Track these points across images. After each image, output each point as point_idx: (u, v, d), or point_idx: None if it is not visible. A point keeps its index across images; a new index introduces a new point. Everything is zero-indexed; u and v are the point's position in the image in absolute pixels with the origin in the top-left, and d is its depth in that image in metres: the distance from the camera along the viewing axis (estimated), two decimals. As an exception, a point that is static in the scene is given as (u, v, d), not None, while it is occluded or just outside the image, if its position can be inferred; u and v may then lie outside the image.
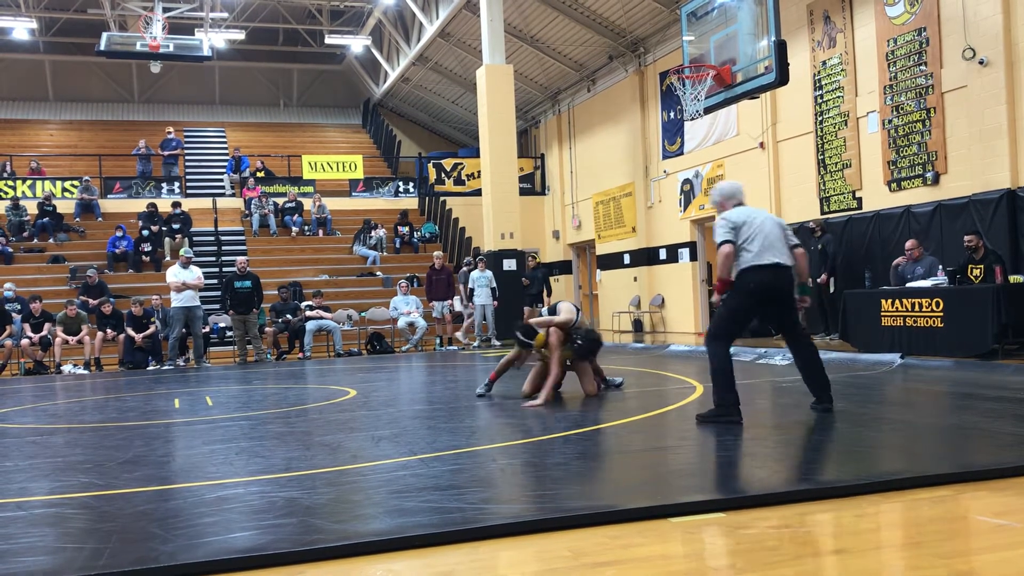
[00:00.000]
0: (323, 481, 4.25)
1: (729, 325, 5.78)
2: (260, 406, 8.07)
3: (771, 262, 5.66)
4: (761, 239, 5.69)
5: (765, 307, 5.80)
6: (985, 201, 10.67)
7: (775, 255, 5.68)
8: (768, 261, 5.65)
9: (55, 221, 19.04)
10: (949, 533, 3.19)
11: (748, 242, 5.70)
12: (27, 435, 6.65)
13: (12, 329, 14.37)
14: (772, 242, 5.71)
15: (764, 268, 5.65)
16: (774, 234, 5.75)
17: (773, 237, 5.73)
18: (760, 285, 5.67)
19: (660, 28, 17.38)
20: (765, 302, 5.75)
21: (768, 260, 5.65)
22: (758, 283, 5.66)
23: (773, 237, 5.73)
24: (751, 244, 5.68)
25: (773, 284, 5.68)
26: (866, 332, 10.14)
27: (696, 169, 16.90)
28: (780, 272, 5.70)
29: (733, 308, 5.77)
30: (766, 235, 5.71)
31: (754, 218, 5.79)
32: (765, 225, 5.77)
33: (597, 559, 2.95)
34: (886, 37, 12.28)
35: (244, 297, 14.82)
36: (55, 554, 3.16)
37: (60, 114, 26.32)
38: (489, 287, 16.39)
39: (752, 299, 5.71)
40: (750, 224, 5.75)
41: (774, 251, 5.69)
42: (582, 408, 6.68)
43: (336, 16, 23.98)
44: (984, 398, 6.44)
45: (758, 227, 5.73)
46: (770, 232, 5.74)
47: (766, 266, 5.65)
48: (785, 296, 5.77)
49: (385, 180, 23.08)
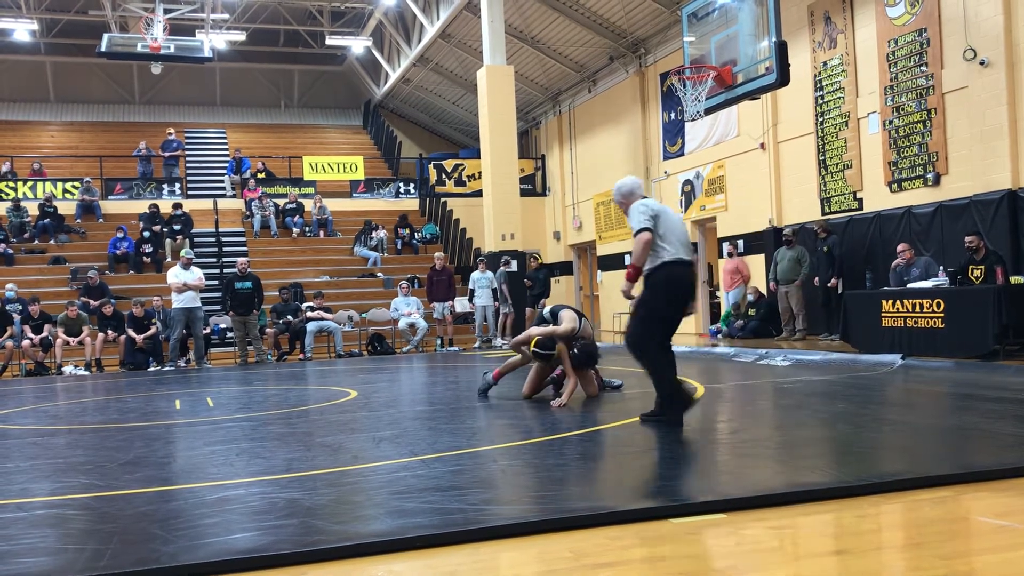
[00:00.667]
0: (324, 482, 4.25)
1: (655, 326, 5.57)
2: (261, 407, 8.07)
3: (690, 259, 5.59)
4: (677, 234, 5.57)
5: (680, 305, 5.60)
6: (986, 202, 10.66)
7: (690, 253, 5.61)
8: (689, 257, 5.58)
9: (56, 222, 19.05)
10: (950, 534, 3.19)
11: (666, 235, 5.52)
12: (28, 436, 6.65)
13: (13, 330, 14.38)
14: (685, 240, 5.63)
15: (686, 264, 5.55)
16: (684, 232, 5.68)
17: (685, 235, 5.65)
18: (685, 279, 5.55)
19: (661, 29, 17.38)
20: (681, 300, 5.58)
21: (688, 256, 5.57)
22: (683, 277, 5.54)
23: (685, 235, 5.65)
24: (670, 237, 5.52)
25: (691, 281, 5.61)
26: (867, 333, 10.13)
27: (697, 170, 16.90)
28: (694, 270, 5.66)
29: (661, 303, 5.56)
30: (681, 232, 5.62)
31: (668, 212, 5.67)
32: (679, 222, 5.69)
33: (598, 560, 2.95)
34: (887, 38, 12.28)
35: (244, 298, 14.81)
36: (56, 555, 3.16)
37: (61, 115, 26.33)
38: (490, 288, 16.39)
39: (678, 292, 5.55)
40: (665, 217, 5.60)
41: (688, 248, 5.61)
42: (583, 409, 6.68)
43: (337, 17, 23.99)
44: (985, 399, 6.43)
45: (674, 222, 5.61)
46: (682, 230, 5.66)
47: (688, 262, 5.56)
48: (692, 296, 5.67)
49: (386, 181, 23.09)
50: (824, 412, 6.03)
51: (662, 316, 5.57)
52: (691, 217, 17.20)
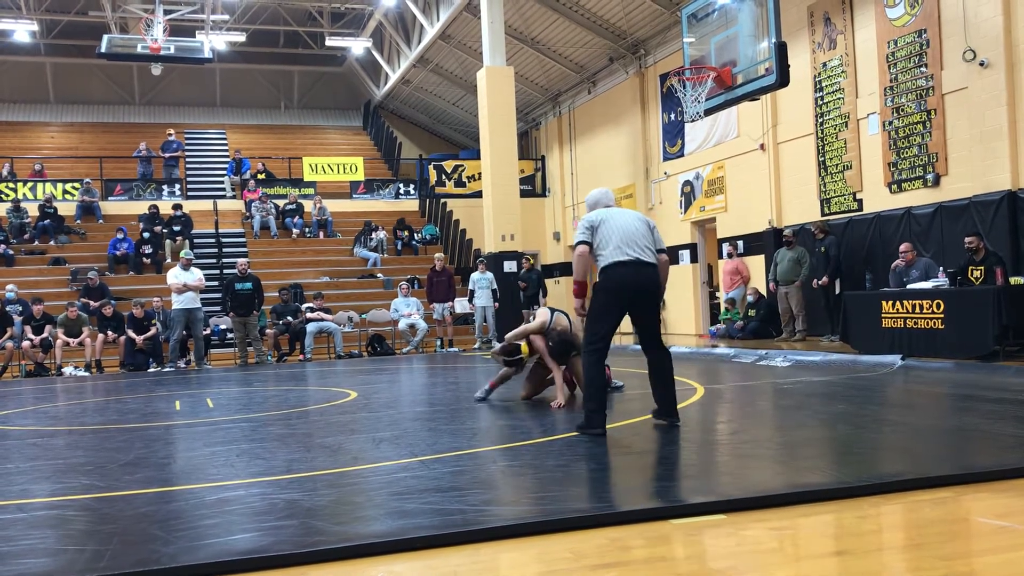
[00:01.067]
0: (324, 483, 4.25)
1: (597, 329, 5.47)
2: (261, 408, 8.07)
3: (631, 257, 5.45)
4: (619, 236, 5.48)
5: (629, 305, 5.52)
6: (986, 202, 10.67)
7: (635, 251, 5.46)
8: (628, 257, 5.44)
9: (56, 223, 19.05)
10: (950, 535, 3.19)
11: (606, 240, 5.48)
12: (28, 437, 6.65)
13: (13, 331, 14.38)
14: (633, 239, 5.50)
15: (624, 264, 5.44)
16: (637, 232, 5.53)
17: (636, 235, 5.51)
18: (620, 281, 5.45)
19: (661, 30, 17.39)
20: (627, 299, 5.50)
21: (628, 256, 5.44)
22: (618, 279, 5.45)
23: (636, 235, 5.51)
24: (608, 241, 5.47)
25: (634, 280, 5.46)
26: (866, 334, 10.13)
27: (697, 171, 16.90)
28: (641, 268, 5.47)
29: (596, 309, 5.51)
30: (625, 232, 5.50)
31: (614, 217, 5.59)
32: (628, 223, 5.56)
33: (598, 561, 2.95)
34: (886, 39, 12.28)
35: (245, 299, 14.81)
36: (56, 556, 3.16)
37: (61, 116, 26.34)
38: (490, 289, 16.40)
39: (614, 296, 5.46)
40: (608, 222, 5.54)
41: (635, 248, 5.47)
42: (584, 410, 6.67)
43: (337, 18, 24.00)
44: (985, 400, 6.43)
45: (619, 225, 5.53)
46: (632, 230, 5.52)
47: (626, 262, 5.44)
48: (647, 294, 5.54)
49: (386, 182, 23.09)
50: (824, 413, 6.03)
51: (600, 320, 5.47)
52: (691, 218, 17.21)
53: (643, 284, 5.47)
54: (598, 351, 5.45)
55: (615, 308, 5.47)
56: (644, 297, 5.53)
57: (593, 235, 5.53)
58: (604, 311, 5.47)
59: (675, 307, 17.84)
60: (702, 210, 16.75)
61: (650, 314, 5.65)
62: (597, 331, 5.47)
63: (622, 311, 5.50)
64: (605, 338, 5.47)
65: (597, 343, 5.46)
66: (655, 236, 5.65)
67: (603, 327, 5.46)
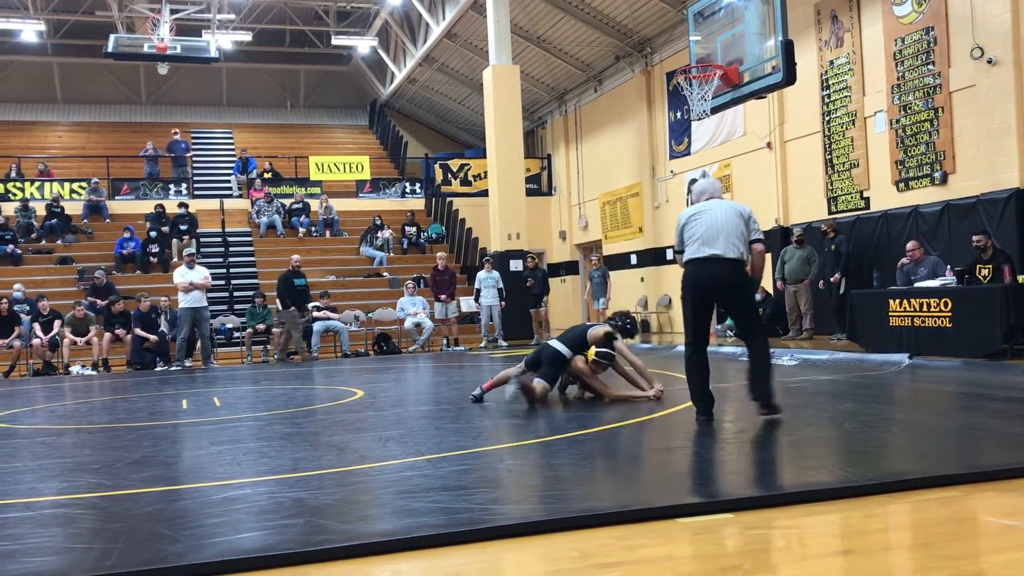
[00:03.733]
0: (330, 482, 4.25)
1: (685, 324, 5.77)
2: (267, 407, 8.08)
3: (706, 255, 5.54)
4: (704, 232, 5.56)
5: (709, 300, 5.69)
6: (993, 201, 10.63)
7: (715, 248, 5.52)
8: (703, 254, 5.55)
9: (63, 222, 19.11)
10: (957, 534, 3.18)
11: (690, 236, 5.65)
12: (36, 436, 6.68)
13: (21, 330, 14.43)
14: (717, 235, 5.53)
15: (699, 261, 5.57)
16: (725, 227, 5.55)
17: (722, 230, 5.54)
18: (693, 278, 5.61)
19: (667, 28, 17.37)
20: (705, 295, 5.64)
21: (704, 253, 5.55)
22: (691, 276, 5.62)
23: (722, 230, 5.54)
24: (692, 238, 5.63)
25: (706, 277, 5.56)
26: (874, 332, 10.10)
27: (703, 169, 16.87)
28: (717, 265, 5.52)
29: (682, 303, 5.79)
30: (711, 228, 5.56)
31: (706, 212, 5.65)
32: (717, 218, 5.59)
33: (604, 560, 2.94)
34: (894, 36, 12.25)
35: (300, 294, 15.02)
36: (64, 554, 3.17)
37: (68, 116, 26.41)
38: (496, 288, 16.39)
39: (689, 293, 5.66)
40: (698, 218, 5.66)
41: (715, 244, 5.52)
42: (589, 409, 6.68)
43: (343, 17, 24.02)
44: (993, 398, 6.41)
45: (707, 221, 5.60)
46: (720, 225, 5.55)
47: (701, 259, 5.56)
48: (726, 289, 5.60)
49: (392, 181, 23.11)
50: (831, 412, 6.02)
51: (686, 317, 5.73)
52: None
53: (715, 281, 5.60)
54: (689, 345, 5.70)
55: (693, 304, 5.69)
56: (720, 294, 5.67)
57: (682, 236, 5.76)
58: (686, 307, 5.73)
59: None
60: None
61: (738, 307, 5.77)
62: (686, 327, 5.76)
63: (700, 307, 5.69)
64: (693, 333, 5.69)
65: (688, 337, 5.71)
66: (750, 227, 5.68)
67: (688, 323, 5.72)
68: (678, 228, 5.79)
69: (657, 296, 18.50)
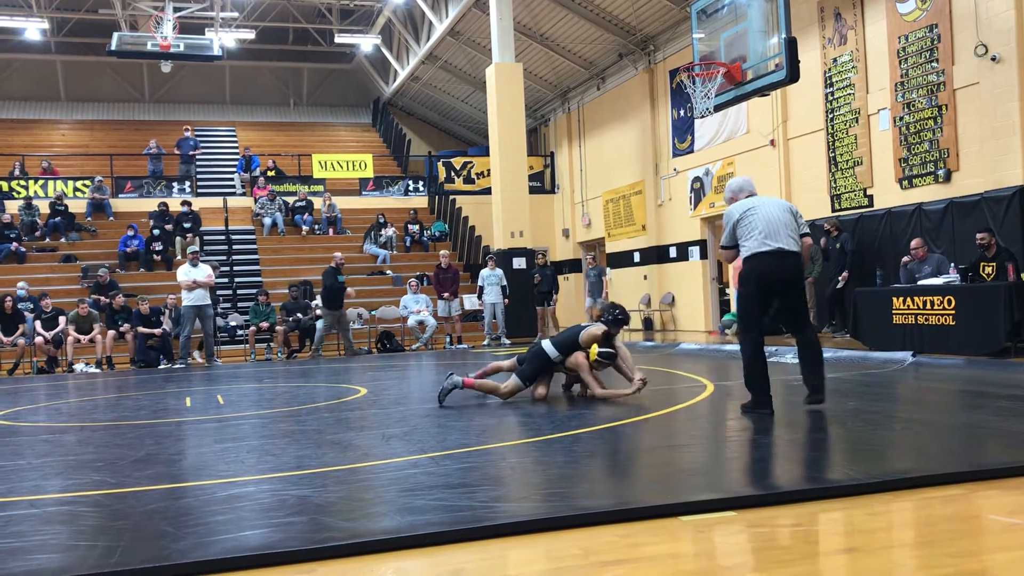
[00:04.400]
0: (334, 479, 4.26)
1: (747, 317, 5.82)
2: (271, 404, 8.09)
3: (772, 248, 5.64)
4: (764, 226, 5.68)
5: (774, 293, 5.78)
6: (997, 198, 10.61)
7: (778, 241, 5.65)
8: (769, 247, 5.64)
9: (67, 220, 19.13)
10: (961, 532, 3.18)
11: (749, 230, 5.71)
12: (40, 433, 6.69)
13: (24, 328, 14.45)
14: (777, 229, 5.67)
15: (766, 254, 5.65)
16: (780, 221, 5.71)
17: (780, 224, 5.69)
18: (763, 271, 5.67)
19: (670, 26, 17.35)
20: (772, 288, 5.74)
21: (770, 246, 5.64)
22: (761, 269, 5.67)
23: (780, 224, 5.69)
24: (752, 232, 5.70)
25: (775, 270, 5.66)
26: (877, 330, 10.10)
27: (706, 167, 16.86)
28: (784, 259, 5.66)
29: (744, 299, 5.83)
30: (769, 222, 5.69)
31: (760, 207, 5.78)
32: (773, 213, 5.73)
33: (607, 558, 2.95)
34: (897, 34, 12.22)
35: (340, 292, 15.14)
36: (68, 552, 3.18)
37: (72, 114, 26.43)
38: (499, 285, 16.39)
39: (755, 286, 5.72)
40: (751, 212, 5.75)
41: (778, 238, 5.65)
42: (591, 407, 6.68)
43: (346, 15, 24.02)
44: (996, 396, 6.40)
45: (763, 215, 5.72)
46: (777, 220, 5.70)
47: (768, 252, 5.64)
48: (791, 281, 5.75)
49: (395, 179, 23.11)
50: (834, 409, 6.01)
51: (749, 309, 5.81)
52: (700, 214, 17.17)
53: (785, 274, 5.71)
54: (752, 339, 5.74)
55: (760, 297, 5.76)
56: (785, 286, 5.77)
57: (735, 229, 5.80)
58: (750, 300, 5.77)
59: (684, 304, 17.81)
60: (712, 206, 16.70)
61: (794, 301, 5.85)
62: (748, 320, 5.82)
63: (767, 299, 5.79)
64: (755, 324, 5.77)
65: (751, 331, 5.76)
66: (799, 222, 5.85)
67: (752, 316, 5.78)
68: (729, 224, 5.85)
69: (660, 294, 18.50)
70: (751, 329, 5.77)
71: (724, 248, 5.96)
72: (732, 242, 5.86)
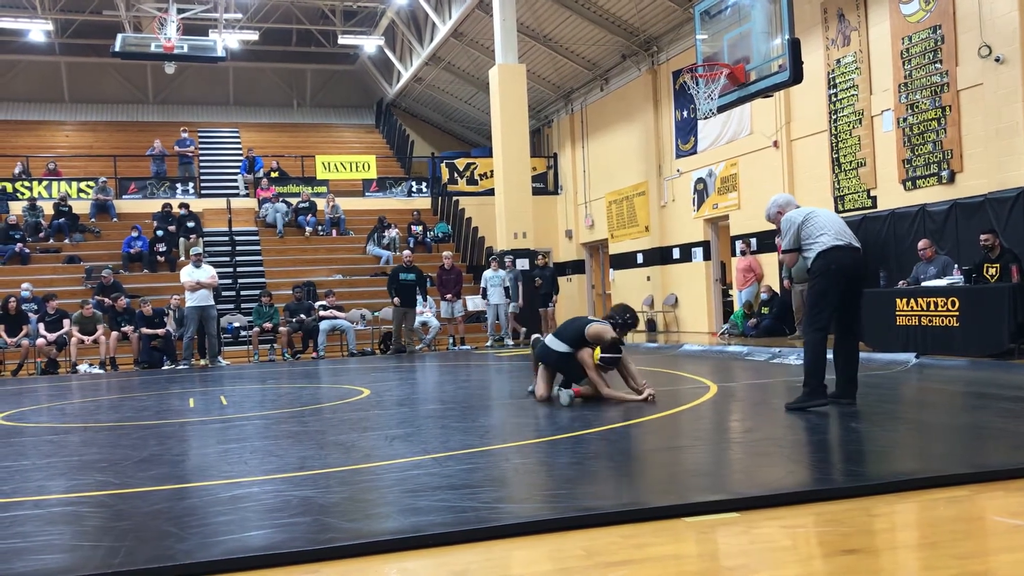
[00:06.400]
0: (337, 480, 4.26)
1: (820, 311, 5.91)
2: (274, 405, 8.10)
3: (847, 242, 5.89)
4: (831, 226, 5.95)
5: (850, 284, 5.91)
6: (1001, 199, 10.58)
7: (848, 238, 5.92)
8: (844, 242, 5.87)
9: (71, 221, 19.17)
10: (965, 533, 3.17)
11: (818, 229, 5.93)
12: (44, 434, 6.70)
13: (28, 329, 14.48)
14: (842, 227, 5.99)
15: (842, 248, 5.85)
16: (840, 221, 6.07)
17: (841, 224, 6.03)
18: (841, 263, 5.83)
19: (673, 27, 17.34)
20: (846, 281, 5.88)
21: (845, 241, 5.88)
22: (839, 261, 5.83)
23: (841, 224, 6.03)
24: (822, 230, 5.92)
25: (852, 262, 5.88)
26: (880, 331, 10.08)
27: (710, 168, 16.85)
28: (856, 253, 5.93)
29: (817, 292, 5.92)
30: (833, 222, 6.00)
31: (816, 210, 6.11)
32: (830, 215, 6.11)
33: (611, 559, 2.94)
34: (901, 35, 12.21)
35: (408, 289, 15.27)
36: (72, 552, 3.18)
37: (76, 115, 26.49)
38: (502, 287, 16.39)
39: (833, 278, 5.85)
40: (813, 214, 6.03)
41: (847, 235, 5.93)
42: (594, 408, 6.67)
43: (349, 16, 24.04)
44: (1000, 398, 6.39)
45: (825, 217, 6.04)
46: (836, 219, 6.07)
47: (843, 246, 5.86)
48: (864, 276, 6.02)
49: (398, 180, 23.13)
50: (838, 410, 6.00)
51: (823, 302, 5.89)
52: (704, 215, 17.16)
53: (860, 267, 5.98)
54: (822, 330, 5.87)
55: (835, 289, 5.87)
56: (858, 281, 5.98)
57: (799, 232, 6.00)
58: (825, 293, 5.88)
59: (688, 305, 17.80)
60: (715, 207, 16.70)
61: (858, 298, 6.06)
62: (820, 313, 5.90)
63: (842, 292, 5.88)
64: (829, 320, 5.89)
65: (822, 324, 5.88)
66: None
67: (826, 309, 5.89)
68: (793, 227, 6.02)
69: (663, 295, 18.49)
70: (824, 320, 5.87)
71: (787, 251, 6.15)
72: (796, 245, 6.05)
